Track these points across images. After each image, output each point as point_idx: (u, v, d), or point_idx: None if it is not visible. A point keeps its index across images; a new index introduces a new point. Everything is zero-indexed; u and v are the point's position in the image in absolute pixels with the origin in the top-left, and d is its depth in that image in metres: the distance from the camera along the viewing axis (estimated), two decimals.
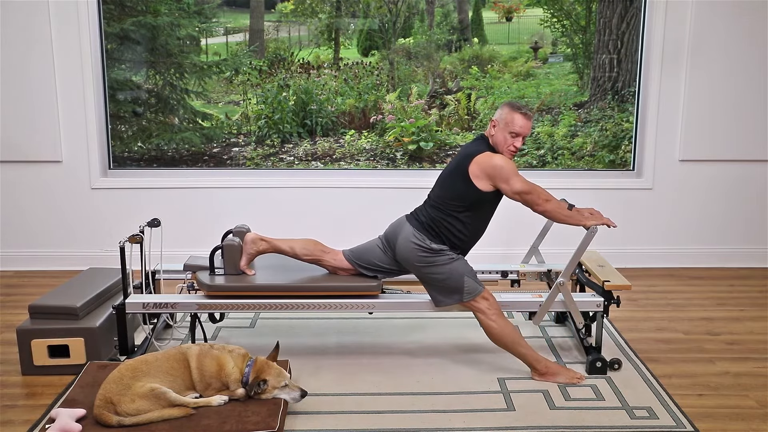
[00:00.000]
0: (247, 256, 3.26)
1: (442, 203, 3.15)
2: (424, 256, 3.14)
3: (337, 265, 3.29)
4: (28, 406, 2.94)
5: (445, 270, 3.13)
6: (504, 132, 3.09)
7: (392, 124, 4.93)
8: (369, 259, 3.27)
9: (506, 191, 3.07)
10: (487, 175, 3.05)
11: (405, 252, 3.17)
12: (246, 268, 3.26)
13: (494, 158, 3.06)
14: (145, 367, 2.70)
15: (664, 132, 4.82)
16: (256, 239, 3.27)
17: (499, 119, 3.11)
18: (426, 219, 3.17)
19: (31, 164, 4.71)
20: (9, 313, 3.98)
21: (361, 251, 3.30)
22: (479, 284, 3.15)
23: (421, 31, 4.91)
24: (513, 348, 3.17)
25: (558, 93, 4.94)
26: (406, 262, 3.21)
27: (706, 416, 2.90)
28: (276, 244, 3.28)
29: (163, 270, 3.56)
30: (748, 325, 3.91)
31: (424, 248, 3.13)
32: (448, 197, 3.13)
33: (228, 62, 4.88)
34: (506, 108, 3.11)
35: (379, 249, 3.28)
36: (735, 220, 4.95)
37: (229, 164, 4.94)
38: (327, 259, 3.29)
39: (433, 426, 2.78)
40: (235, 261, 3.24)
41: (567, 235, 3.77)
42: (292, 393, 2.79)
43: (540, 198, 3.06)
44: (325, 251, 3.30)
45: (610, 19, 4.82)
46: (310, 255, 3.28)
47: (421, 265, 3.16)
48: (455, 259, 3.15)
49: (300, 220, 4.80)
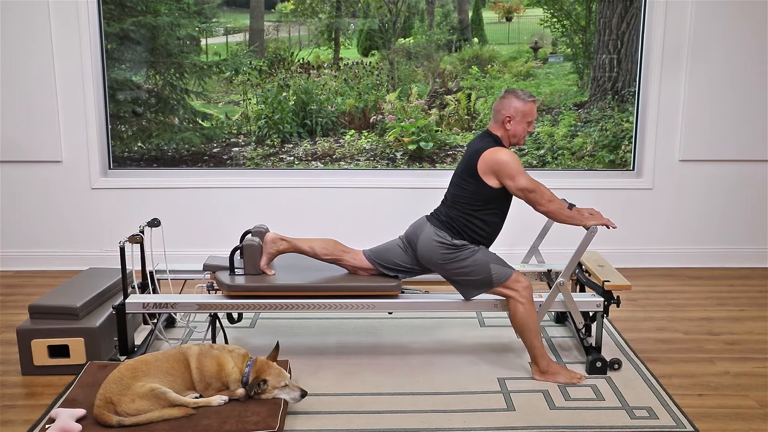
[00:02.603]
0: (267, 256, 3.26)
1: (459, 203, 3.16)
2: (446, 252, 3.14)
3: (357, 265, 3.29)
4: (28, 406, 2.94)
5: (468, 262, 3.13)
6: (523, 123, 3.13)
7: (392, 124, 4.93)
8: (390, 259, 3.28)
9: (510, 187, 3.07)
10: (493, 171, 3.06)
11: (427, 251, 3.17)
12: (266, 268, 3.26)
13: (499, 153, 3.06)
14: (145, 367, 2.70)
15: (664, 132, 4.82)
16: (276, 239, 3.27)
17: (514, 114, 3.12)
18: (446, 218, 3.18)
19: (31, 164, 4.71)
20: (9, 313, 3.98)
21: (381, 251, 3.31)
22: (508, 267, 3.15)
23: (421, 31, 4.91)
24: (528, 336, 3.15)
25: (558, 93, 4.94)
26: (428, 262, 3.20)
27: (706, 416, 2.90)
28: (296, 244, 3.28)
29: (163, 270, 3.56)
30: (748, 325, 3.92)
31: (447, 245, 3.13)
32: (463, 196, 3.14)
33: (228, 62, 4.88)
34: (515, 100, 3.12)
35: (399, 248, 3.28)
36: (735, 220, 4.95)
37: (229, 164, 4.94)
38: (347, 259, 3.29)
39: (433, 426, 2.78)
40: (255, 261, 3.24)
41: (567, 235, 3.77)
42: (292, 393, 2.79)
43: (543, 197, 3.06)
44: (345, 251, 3.30)
45: (610, 19, 4.82)
46: (330, 255, 3.29)
47: (445, 262, 3.15)
48: (477, 251, 3.15)
49: (300, 220, 4.80)
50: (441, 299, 3.30)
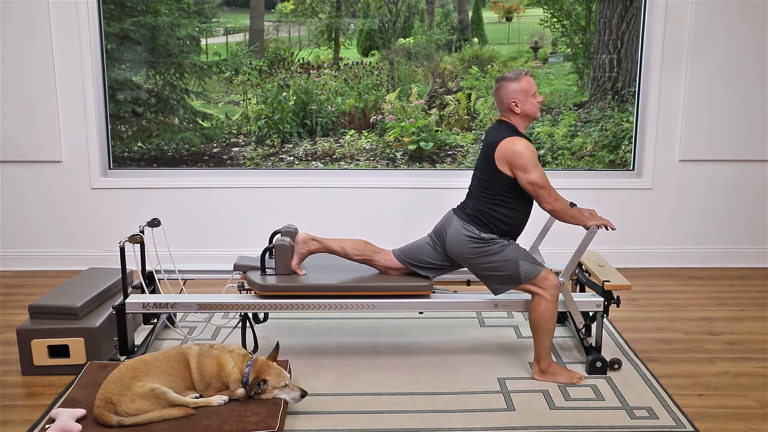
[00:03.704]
0: (298, 255, 3.26)
1: (482, 195, 3.14)
2: (475, 247, 3.12)
3: (388, 265, 3.30)
4: (28, 406, 2.94)
5: (498, 258, 3.12)
6: (528, 98, 3.10)
7: (392, 124, 4.93)
8: (420, 257, 3.27)
9: (521, 179, 3.04)
10: (507, 161, 3.04)
11: (456, 245, 3.16)
12: (297, 268, 3.27)
13: (515, 144, 3.03)
14: (145, 367, 2.70)
15: (664, 132, 4.82)
16: (307, 239, 3.27)
17: (516, 96, 3.09)
18: (472, 211, 3.16)
19: (31, 164, 4.71)
20: (9, 313, 3.98)
21: (410, 250, 3.31)
22: (537, 264, 3.13)
23: (421, 31, 4.91)
24: (541, 334, 3.14)
25: (558, 93, 4.94)
26: (458, 256, 3.20)
27: (706, 416, 2.90)
28: (327, 244, 3.29)
29: (165, 270, 3.56)
30: (748, 325, 3.92)
31: (475, 239, 3.12)
32: (486, 188, 3.13)
33: (228, 62, 4.88)
34: (510, 83, 3.10)
35: (429, 246, 3.28)
36: (735, 220, 4.95)
37: (229, 164, 4.94)
38: (378, 260, 3.30)
39: (433, 426, 2.78)
40: (287, 261, 3.24)
41: (567, 235, 3.77)
42: (292, 393, 2.79)
43: (551, 196, 3.06)
44: (375, 251, 3.31)
45: (610, 19, 4.82)
46: (361, 255, 3.29)
47: (473, 256, 3.14)
48: (507, 246, 3.13)
49: (300, 220, 4.79)
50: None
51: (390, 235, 4.17)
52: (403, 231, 4.29)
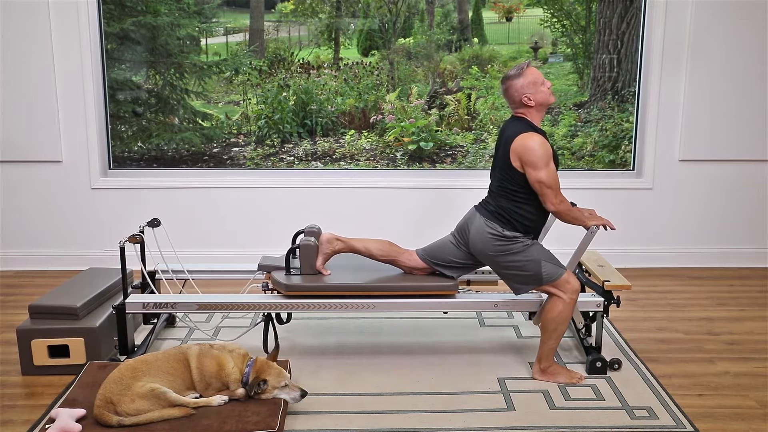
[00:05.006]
0: (323, 256, 3.26)
1: (503, 191, 3.12)
2: (499, 244, 3.11)
3: (412, 265, 3.30)
4: (28, 406, 2.94)
5: (521, 257, 3.10)
6: (538, 89, 3.07)
7: (392, 124, 4.93)
8: (443, 256, 3.27)
9: (530, 175, 3.02)
10: (519, 157, 3.02)
11: (479, 243, 3.15)
12: (322, 268, 3.26)
13: (529, 140, 3.01)
14: (145, 367, 2.70)
15: (664, 132, 4.82)
16: (332, 239, 3.27)
17: (527, 90, 3.05)
18: (495, 208, 3.15)
19: (31, 164, 4.71)
20: (9, 313, 3.98)
21: (434, 249, 3.30)
22: (559, 266, 3.11)
23: (421, 31, 4.91)
24: (549, 336, 3.13)
25: (558, 93, 4.93)
26: (480, 254, 3.18)
27: (706, 416, 2.90)
28: (352, 244, 3.28)
29: (163, 270, 3.56)
30: (748, 325, 3.92)
31: (498, 236, 3.10)
32: (505, 185, 3.11)
33: (228, 62, 4.88)
34: (517, 79, 3.07)
35: (452, 244, 3.27)
36: (735, 220, 4.95)
37: (229, 164, 4.94)
38: (403, 260, 3.30)
39: (433, 426, 2.78)
40: (312, 261, 3.24)
41: (567, 235, 3.77)
42: (292, 393, 2.79)
43: (557, 197, 3.05)
44: (400, 252, 3.31)
45: (610, 19, 4.82)
46: (385, 255, 3.29)
47: (496, 255, 3.13)
48: (530, 245, 3.12)
49: (300, 221, 4.79)
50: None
51: (390, 235, 4.16)
52: (403, 231, 4.31)
